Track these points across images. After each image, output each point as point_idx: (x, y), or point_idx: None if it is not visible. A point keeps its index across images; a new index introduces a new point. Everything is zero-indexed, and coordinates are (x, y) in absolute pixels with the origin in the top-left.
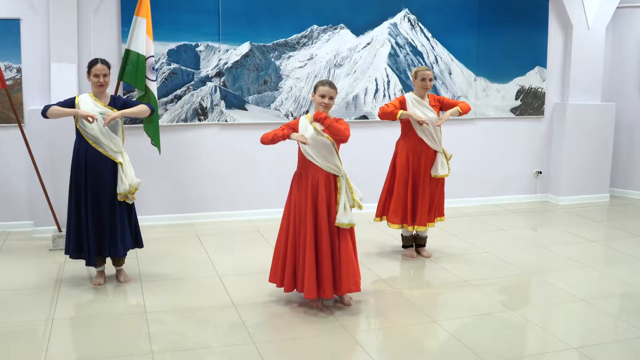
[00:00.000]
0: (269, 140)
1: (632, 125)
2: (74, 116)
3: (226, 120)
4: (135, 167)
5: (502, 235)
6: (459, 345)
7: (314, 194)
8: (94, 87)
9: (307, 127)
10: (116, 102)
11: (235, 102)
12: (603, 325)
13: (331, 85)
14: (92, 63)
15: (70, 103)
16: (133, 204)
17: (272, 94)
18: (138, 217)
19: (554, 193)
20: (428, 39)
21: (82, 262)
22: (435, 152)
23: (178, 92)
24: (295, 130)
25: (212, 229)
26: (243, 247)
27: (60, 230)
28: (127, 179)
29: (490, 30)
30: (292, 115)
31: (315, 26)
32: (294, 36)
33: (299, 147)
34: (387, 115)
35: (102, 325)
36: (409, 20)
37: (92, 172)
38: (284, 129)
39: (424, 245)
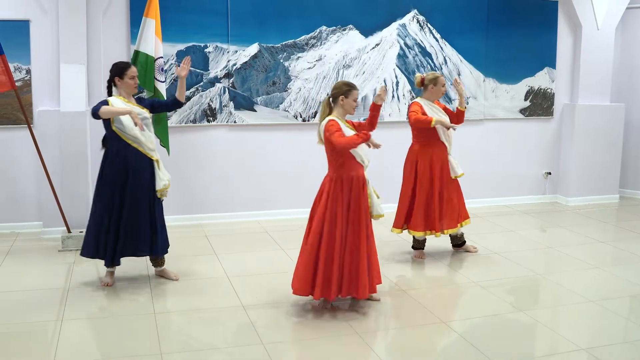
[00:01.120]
0: (350, 145)
1: None
2: (109, 121)
3: (235, 122)
4: None
5: (511, 236)
6: (468, 346)
7: (354, 194)
8: (128, 89)
9: (346, 130)
10: (143, 102)
11: (244, 103)
12: (612, 326)
13: (356, 87)
14: (125, 66)
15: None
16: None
17: (281, 95)
18: None
19: (563, 194)
20: (437, 40)
21: (91, 262)
22: (447, 154)
23: (187, 93)
24: (341, 131)
25: (221, 230)
26: (252, 248)
27: (69, 232)
28: (163, 174)
29: (500, 31)
30: (301, 117)
31: (323, 27)
32: (302, 37)
33: (339, 155)
34: (422, 122)
35: (112, 325)
36: (418, 21)
37: (133, 171)
38: (357, 135)
39: (465, 243)
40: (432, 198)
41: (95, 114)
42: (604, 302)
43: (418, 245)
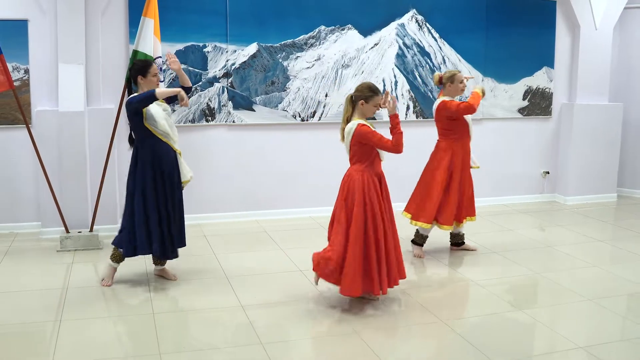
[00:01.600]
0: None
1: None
2: (141, 119)
3: (234, 121)
4: None
5: (510, 235)
6: (467, 345)
7: (384, 186)
8: (151, 86)
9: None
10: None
11: (243, 102)
12: (610, 325)
13: (379, 91)
14: (147, 65)
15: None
16: None
17: (280, 94)
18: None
19: (562, 193)
20: (436, 40)
21: (90, 263)
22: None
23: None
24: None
25: (219, 230)
26: (251, 248)
27: (68, 232)
28: (186, 166)
29: (498, 30)
30: (300, 116)
31: (322, 27)
32: (301, 37)
33: (368, 152)
34: (474, 104)
35: (111, 325)
36: (417, 21)
37: (166, 166)
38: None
39: (463, 242)
40: (460, 191)
41: (145, 99)
42: (602, 300)
43: (420, 240)
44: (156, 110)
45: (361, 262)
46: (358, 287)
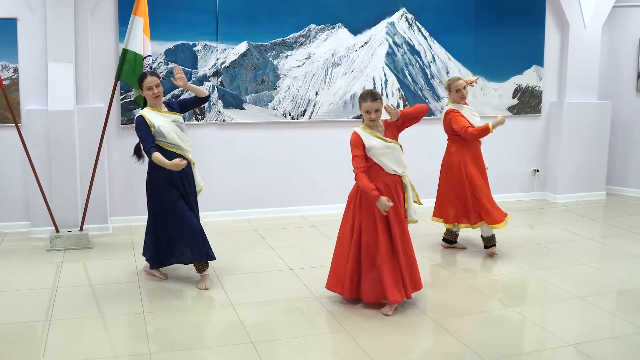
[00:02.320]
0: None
1: (628, 123)
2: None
3: (224, 120)
4: (132, 167)
5: (499, 233)
6: (457, 343)
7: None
8: (150, 100)
9: (370, 142)
10: (173, 106)
11: (233, 101)
12: (600, 322)
13: (374, 97)
14: (142, 78)
15: (147, 126)
16: None
17: (270, 93)
18: (137, 217)
19: (551, 191)
20: (425, 38)
21: (80, 263)
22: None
23: (175, 91)
24: (361, 146)
25: (210, 229)
26: (241, 246)
27: (57, 231)
28: (199, 176)
29: (488, 29)
30: (290, 115)
31: (312, 25)
32: (291, 35)
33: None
34: (482, 132)
35: (100, 325)
36: (407, 19)
37: (183, 175)
38: (365, 178)
39: (456, 241)
40: (477, 191)
41: (146, 151)
42: (592, 298)
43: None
44: (163, 123)
45: (346, 263)
46: (344, 287)
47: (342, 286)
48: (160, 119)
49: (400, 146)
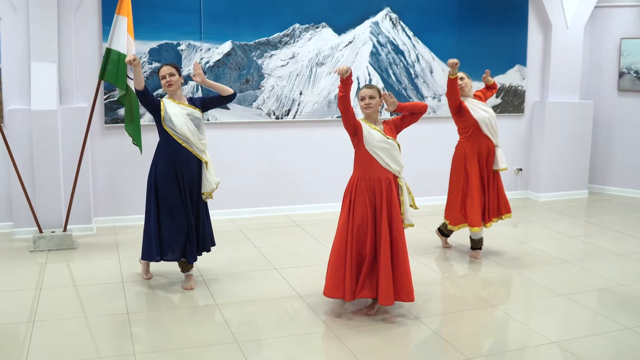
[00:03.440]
0: (344, 105)
1: (610, 122)
2: (160, 119)
3: (208, 120)
4: (115, 167)
5: (483, 231)
6: (441, 341)
7: (377, 197)
8: (164, 89)
9: (370, 132)
10: (194, 102)
11: None
12: (582, 320)
13: (368, 85)
14: (159, 68)
15: (157, 102)
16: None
17: (254, 92)
18: (120, 217)
19: (534, 190)
20: (409, 38)
21: (63, 263)
22: (495, 146)
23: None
24: (359, 130)
25: None
26: (225, 246)
27: (41, 232)
28: (212, 177)
29: (471, 29)
30: (274, 114)
31: (297, 25)
32: (275, 35)
33: (361, 154)
34: (449, 86)
35: (84, 326)
36: (391, 19)
37: (186, 171)
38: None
39: (449, 235)
40: (483, 191)
41: (144, 92)
42: (574, 295)
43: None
44: (176, 112)
45: (350, 266)
46: (334, 288)
47: (342, 290)
48: (176, 109)
49: (398, 145)
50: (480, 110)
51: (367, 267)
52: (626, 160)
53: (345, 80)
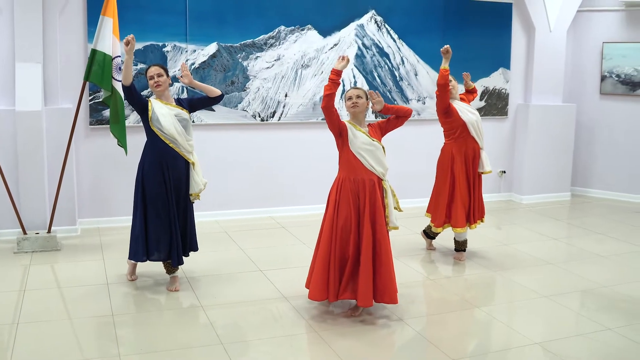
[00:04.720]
0: (329, 104)
1: (592, 125)
2: (147, 119)
3: (193, 121)
4: (100, 168)
5: (467, 233)
6: (425, 343)
7: (361, 198)
8: (152, 89)
9: (355, 133)
10: (182, 103)
11: None
12: (565, 321)
13: (355, 87)
14: (146, 69)
15: (145, 100)
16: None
17: (240, 94)
18: (105, 219)
19: (517, 192)
20: (394, 40)
21: (48, 265)
22: (480, 149)
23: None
24: (344, 131)
25: None
26: (211, 248)
27: (25, 233)
28: (199, 178)
29: (456, 32)
30: (259, 116)
31: (282, 27)
32: (261, 37)
33: (345, 156)
34: (440, 78)
35: (69, 328)
36: (376, 22)
37: (173, 171)
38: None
39: (434, 238)
40: (469, 194)
41: (128, 86)
42: (557, 297)
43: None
44: (163, 112)
45: (333, 267)
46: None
47: (326, 292)
48: (163, 109)
49: (383, 147)
50: (468, 113)
51: (350, 268)
52: (608, 163)
53: (337, 76)
